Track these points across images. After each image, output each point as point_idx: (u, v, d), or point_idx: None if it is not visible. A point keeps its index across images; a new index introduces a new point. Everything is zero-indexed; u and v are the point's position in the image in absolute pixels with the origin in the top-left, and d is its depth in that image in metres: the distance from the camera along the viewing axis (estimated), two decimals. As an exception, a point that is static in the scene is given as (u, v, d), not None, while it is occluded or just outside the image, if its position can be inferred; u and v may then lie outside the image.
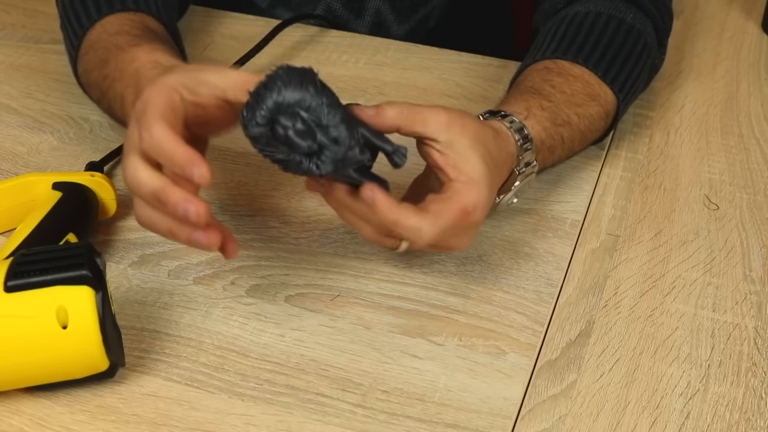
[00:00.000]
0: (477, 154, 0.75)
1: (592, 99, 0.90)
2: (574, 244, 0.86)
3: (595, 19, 0.94)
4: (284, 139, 0.69)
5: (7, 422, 0.69)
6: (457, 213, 0.74)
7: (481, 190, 0.75)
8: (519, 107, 0.85)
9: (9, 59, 1.07)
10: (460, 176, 0.74)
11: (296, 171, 0.71)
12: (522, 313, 0.79)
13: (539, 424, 0.71)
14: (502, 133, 0.81)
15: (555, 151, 0.88)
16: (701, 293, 0.82)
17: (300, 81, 0.69)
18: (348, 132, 0.70)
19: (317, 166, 0.70)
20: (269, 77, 0.69)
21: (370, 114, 0.73)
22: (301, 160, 0.70)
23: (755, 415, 0.72)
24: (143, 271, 0.82)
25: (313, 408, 0.71)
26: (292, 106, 0.69)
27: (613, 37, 0.93)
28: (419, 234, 0.73)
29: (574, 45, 0.92)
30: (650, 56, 0.96)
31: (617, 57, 0.92)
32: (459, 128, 0.75)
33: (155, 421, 0.70)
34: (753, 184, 0.94)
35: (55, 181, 0.83)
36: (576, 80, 0.90)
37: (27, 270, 0.67)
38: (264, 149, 0.71)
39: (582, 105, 0.89)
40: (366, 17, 1.16)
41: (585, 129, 0.90)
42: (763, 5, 1.18)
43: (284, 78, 0.69)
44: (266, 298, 0.79)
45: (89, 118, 0.98)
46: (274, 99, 0.69)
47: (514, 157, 0.81)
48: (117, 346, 0.70)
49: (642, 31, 0.95)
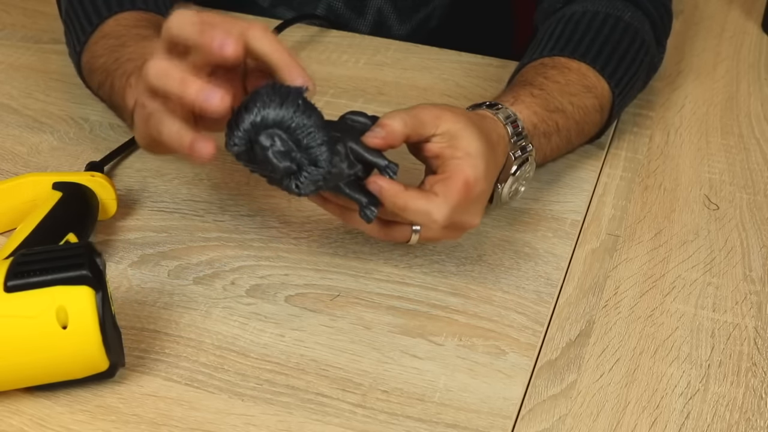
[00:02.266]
0: (469, 131, 0.76)
1: (588, 90, 0.90)
2: (574, 244, 0.86)
3: (593, 18, 0.95)
4: (262, 158, 0.69)
5: (7, 422, 0.69)
6: (460, 188, 0.74)
7: (478, 163, 0.75)
8: (506, 97, 0.86)
9: (9, 59, 1.07)
10: (456, 152, 0.75)
11: (280, 187, 0.72)
12: (522, 313, 0.79)
13: (539, 424, 0.71)
14: (488, 117, 0.82)
15: (551, 137, 0.88)
16: (701, 293, 0.82)
17: (282, 100, 0.69)
18: (330, 153, 0.70)
19: (297, 186, 0.71)
20: (252, 95, 0.69)
21: (378, 142, 0.73)
22: (281, 179, 0.70)
23: (755, 415, 0.72)
24: (143, 271, 0.82)
25: (313, 408, 0.71)
26: (270, 126, 0.69)
27: (610, 35, 0.94)
28: (430, 216, 0.74)
29: (572, 42, 0.93)
30: (648, 54, 0.96)
31: (614, 53, 0.93)
32: (450, 116, 0.76)
33: (155, 421, 0.70)
34: (753, 184, 0.94)
35: (55, 181, 0.83)
36: (571, 72, 0.91)
37: (27, 270, 0.67)
38: (246, 165, 0.71)
39: (577, 94, 0.90)
40: (367, 17, 1.16)
41: (580, 119, 0.90)
42: (763, 5, 1.18)
43: (266, 97, 0.69)
44: (266, 298, 0.79)
45: (89, 118, 0.98)
46: (251, 119, 0.69)
47: (505, 140, 0.81)
48: (117, 346, 0.70)
49: (639, 29, 0.95)
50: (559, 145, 0.90)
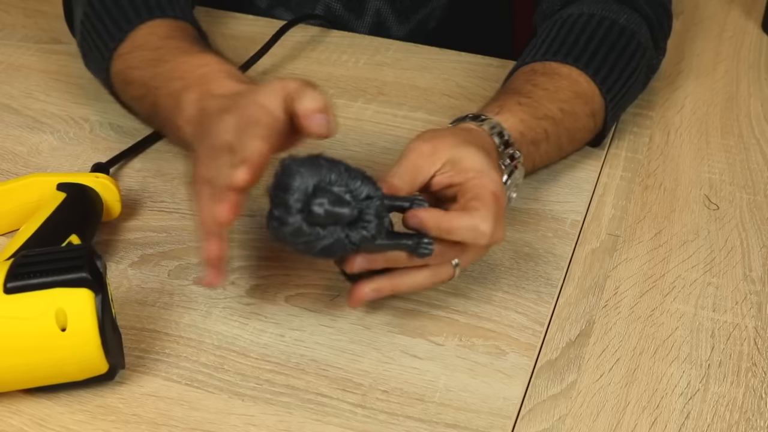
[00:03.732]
0: (468, 150, 0.76)
1: (578, 96, 0.90)
2: (574, 244, 0.86)
3: (588, 21, 0.94)
4: (326, 214, 0.68)
5: (7, 422, 0.69)
6: (492, 199, 0.74)
7: (492, 175, 0.75)
8: (491, 106, 0.86)
9: (9, 59, 1.07)
10: (468, 174, 0.75)
11: (344, 249, 0.70)
12: (522, 313, 0.79)
13: (539, 424, 0.71)
14: (474, 130, 0.82)
15: (540, 145, 0.87)
16: (701, 293, 0.82)
17: (311, 162, 0.69)
18: (374, 185, 0.70)
19: (365, 228, 0.69)
20: (282, 170, 0.69)
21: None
22: (347, 234, 0.69)
23: (755, 415, 0.72)
24: (143, 271, 0.82)
25: (313, 408, 0.71)
26: (317, 185, 0.68)
27: (605, 37, 0.93)
28: (478, 230, 0.73)
29: (564, 46, 0.93)
30: (644, 56, 0.96)
31: (608, 57, 0.92)
32: (443, 145, 0.76)
33: (155, 421, 0.70)
34: (753, 184, 0.94)
35: (59, 182, 0.82)
36: (562, 78, 0.91)
37: (27, 272, 0.67)
38: (306, 240, 0.69)
39: (566, 101, 0.89)
40: (366, 18, 1.16)
41: (571, 126, 0.90)
42: (763, 5, 1.18)
43: (296, 165, 0.69)
44: (266, 298, 0.79)
45: (89, 118, 0.98)
46: (297, 184, 0.68)
47: (493, 147, 0.81)
48: (117, 348, 0.70)
49: (636, 31, 0.95)
50: (549, 152, 0.90)
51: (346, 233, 0.69)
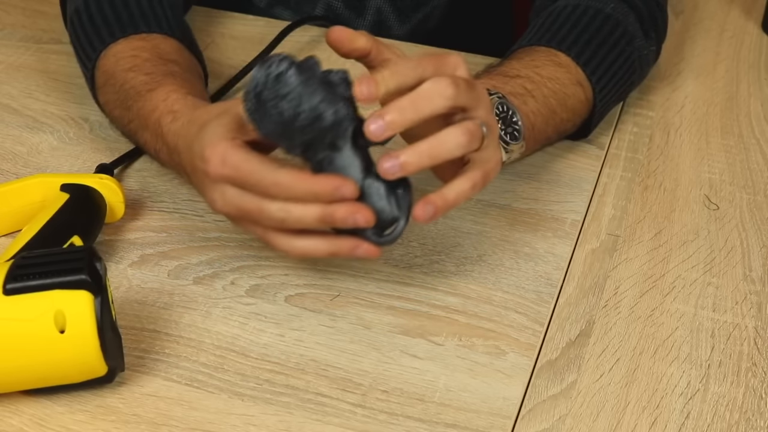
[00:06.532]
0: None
1: (558, 66, 0.91)
2: (574, 244, 0.86)
3: (573, 10, 0.96)
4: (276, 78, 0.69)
5: (7, 422, 0.69)
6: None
7: (454, 57, 0.76)
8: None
9: (9, 59, 1.07)
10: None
11: (321, 118, 0.70)
12: (522, 313, 0.79)
13: (539, 424, 0.71)
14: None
15: (524, 99, 0.87)
16: (701, 293, 0.82)
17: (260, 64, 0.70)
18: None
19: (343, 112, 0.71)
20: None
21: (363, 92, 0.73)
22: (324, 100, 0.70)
23: (755, 415, 0.72)
24: (143, 271, 0.82)
25: (313, 408, 0.71)
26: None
27: (588, 25, 0.95)
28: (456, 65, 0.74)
29: (548, 33, 0.94)
30: (630, 44, 0.96)
31: (591, 42, 0.93)
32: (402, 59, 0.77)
33: (155, 421, 0.70)
34: (753, 184, 0.94)
35: (63, 183, 0.82)
36: (539, 53, 0.92)
37: (26, 273, 0.67)
38: (287, 93, 0.69)
39: (543, 66, 0.91)
40: (367, 17, 1.16)
41: (556, 89, 0.90)
42: (763, 5, 1.18)
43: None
44: (266, 298, 0.80)
45: (89, 118, 0.98)
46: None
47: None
48: (116, 351, 0.70)
49: (621, 20, 0.96)
50: (540, 110, 0.89)
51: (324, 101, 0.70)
